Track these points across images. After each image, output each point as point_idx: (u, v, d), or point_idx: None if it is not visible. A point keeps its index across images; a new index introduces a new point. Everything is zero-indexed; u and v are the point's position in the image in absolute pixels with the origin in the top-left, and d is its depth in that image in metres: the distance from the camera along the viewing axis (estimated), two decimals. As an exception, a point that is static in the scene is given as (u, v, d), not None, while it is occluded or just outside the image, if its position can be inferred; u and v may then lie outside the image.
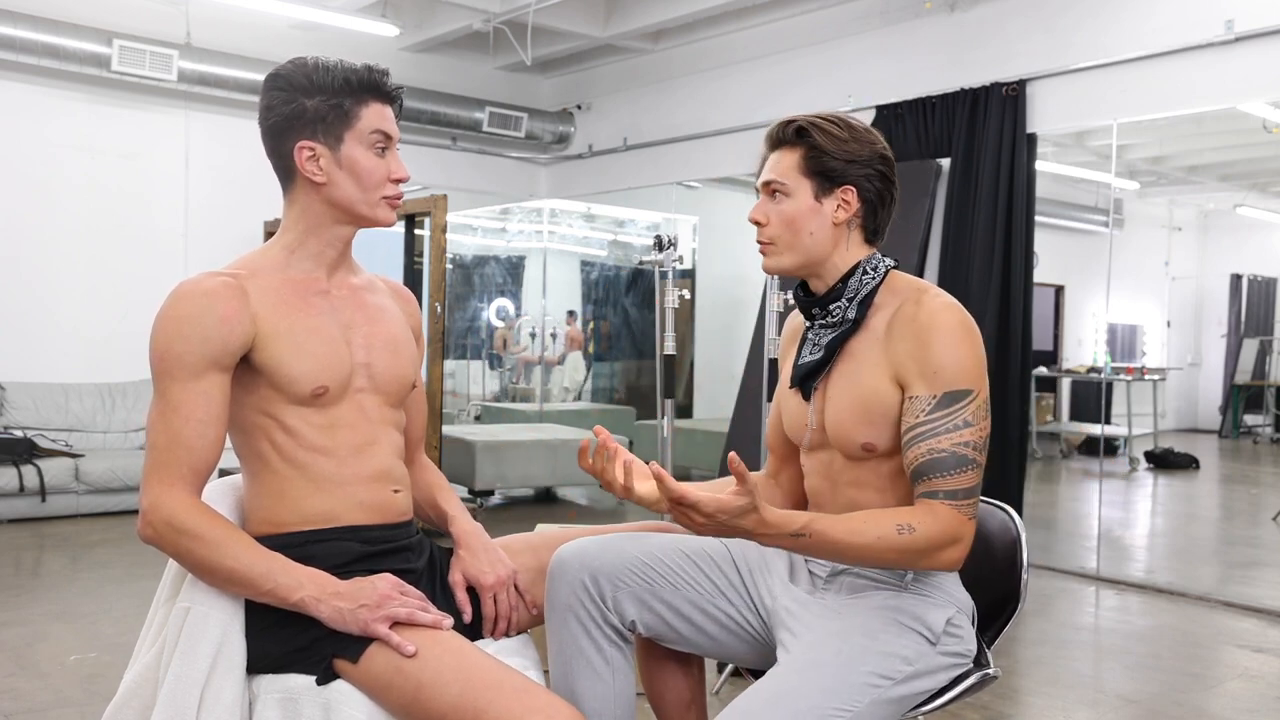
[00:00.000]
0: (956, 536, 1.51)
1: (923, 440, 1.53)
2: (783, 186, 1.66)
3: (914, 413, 1.55)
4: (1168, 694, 3.27)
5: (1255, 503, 7.38)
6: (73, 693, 3.02)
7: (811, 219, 1.65)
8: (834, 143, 1.64)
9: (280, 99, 1.60)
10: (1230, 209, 8.49)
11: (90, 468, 5.66)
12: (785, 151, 1.68)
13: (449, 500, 1.84)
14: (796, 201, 1.66)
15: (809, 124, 1.66)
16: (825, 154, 1.64)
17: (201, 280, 1.56)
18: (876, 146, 1.67)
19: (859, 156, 1.65)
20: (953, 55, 5.58)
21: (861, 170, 1.65)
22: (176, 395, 1.51)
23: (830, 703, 1.41)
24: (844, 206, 1.66)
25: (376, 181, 1.63)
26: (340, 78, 1.60)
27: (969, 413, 1.53)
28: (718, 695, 3.02)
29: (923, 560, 1.51)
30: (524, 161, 8.24)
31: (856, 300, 1.66)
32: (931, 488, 1.52)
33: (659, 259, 2.93)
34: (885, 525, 1.49)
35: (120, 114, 6.44)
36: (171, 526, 1.48)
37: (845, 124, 1.67)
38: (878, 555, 1.50)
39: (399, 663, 1.45)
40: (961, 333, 1.56)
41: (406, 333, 1.76)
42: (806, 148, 1.65)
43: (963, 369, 1.54)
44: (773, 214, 1.68)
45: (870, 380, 1.61)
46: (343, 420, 1.62)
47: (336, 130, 1.60)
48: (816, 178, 1.65)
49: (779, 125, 1.69)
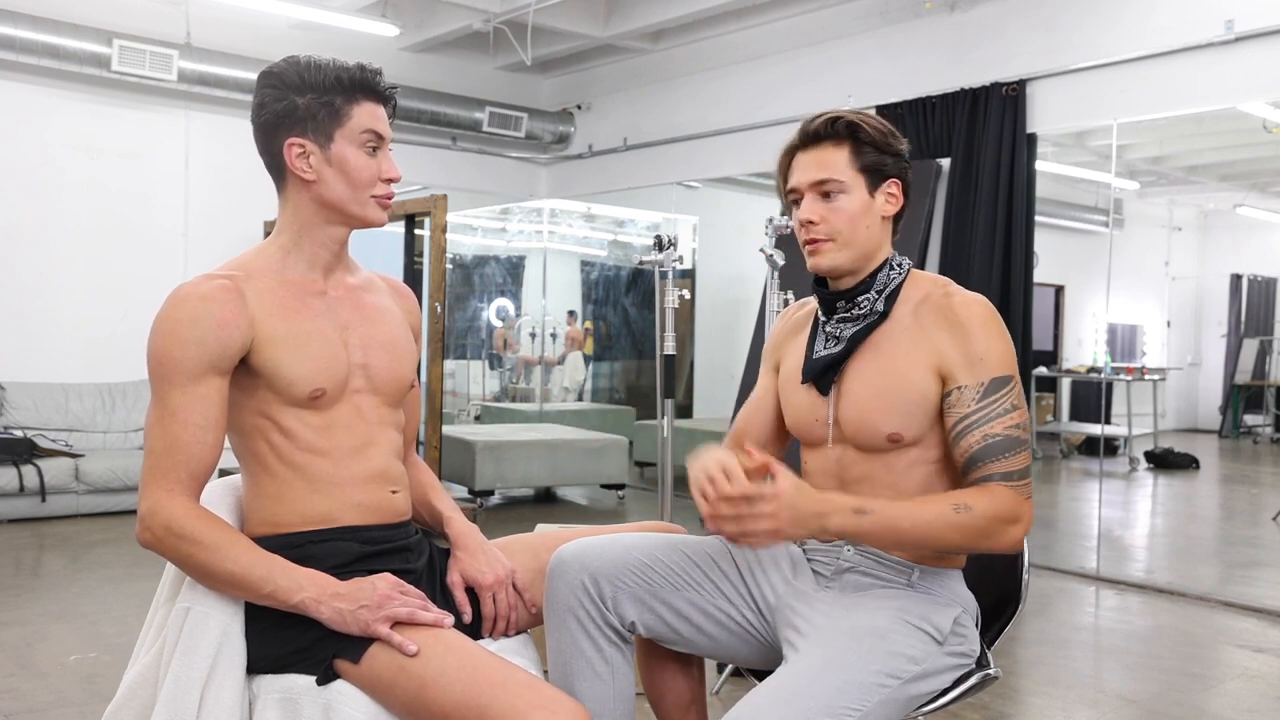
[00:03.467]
0: (1016, 515, 1.53)
1: (976, 428, 1.55)
2: (840, 184, 1.64)
3: (964, 403, 1.57)
4: (1168, 694, 3.27)
5: (1255, 503, 7.38)
6: (73, 693, 3.02)
7: (867, 215, 1.66)
8: (881, 136, 1.65)
9: (272, 96, 1.60)
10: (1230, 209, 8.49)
11: (90, 468, 5.65)
12: (830, 148, 1.65)
13: (443, 500, 1.84)
14: (853, 198, 1.65)
15: (857, 119, 1.65)
16: (877, 148, 1.64)
17: (199, 284, 1.55)
18: (905, 141, 1.70)
19: (900, 150, 1.67)
20: (953, 55, 5.58)
21: (904, 164, 1.68)
22: (174, 400, 1.51)
23: (840, 701, 1.41)
24: (891, 200, 1.68)
25: (366, 180, 1.62)
26: (332, 76, 1.59)
27: (1014, 397, 1.57)
28: (718, 695, 3.02)
29: (985, 541, 1.52)
30: (524, 161, 8.24)
31: (885, 294, 1.66)
32: (988, 471, 1.54)
33: (659, 259, 2.93)
34: (941, 505, 1.51)
35: (120, 114, 6.43)
36: (170, 531, 1.48)
37: (878, 119, 1.68)
38: (937, 536, 1.51)
39: (401, 662, 1.45)
40: (996, 323, 1.60)
41: (405, 332, 1.76)
42: (855, 143, 1.64)
43: (1002, 357, 1.58)
44: (828, 213, 1.65)
45: (904, 368, 1.61)
46: (340, 421, 1.62)
47: (327, 128, 1.60)
48: (867, 173, 1.65)
49: (823, 121, 1.66)
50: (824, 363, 1.69)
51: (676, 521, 2.15)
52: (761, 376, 1.87)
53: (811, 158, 1.66)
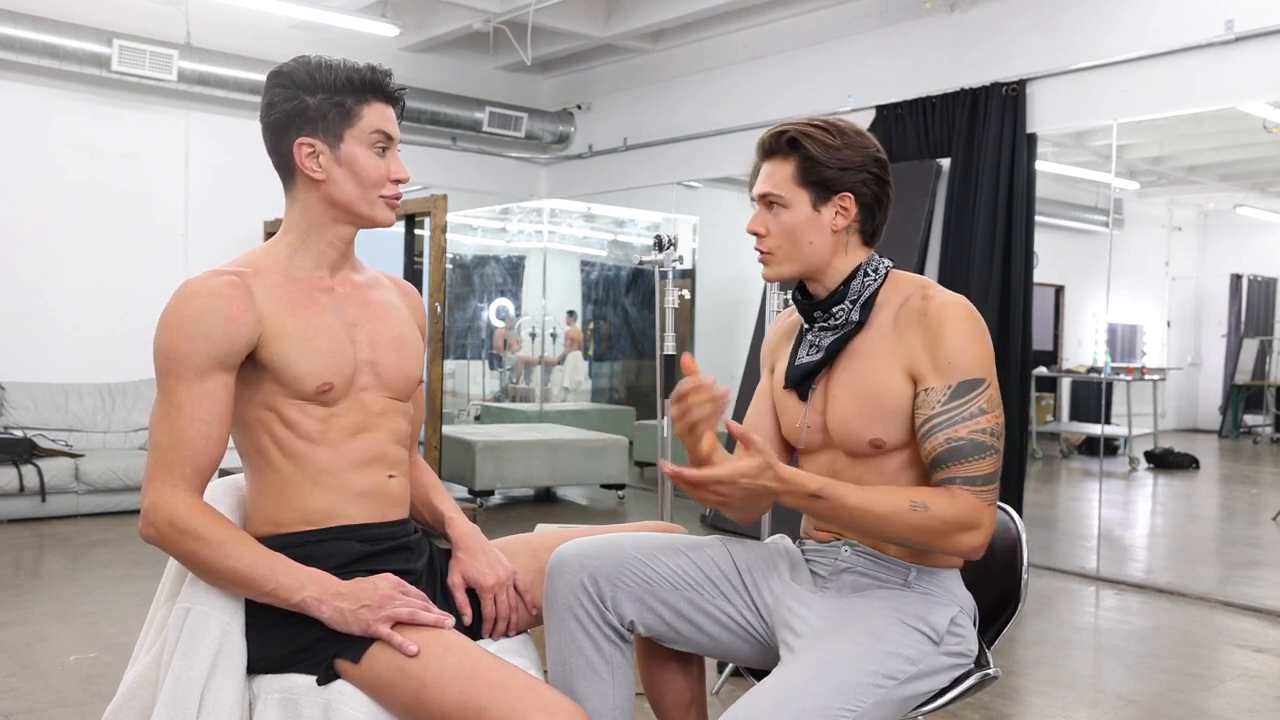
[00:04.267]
0: (975, 521, 1.52)
1: (940, 430, 1.54)
2: (780, 198, 1.66)
3: (930, 404, 1.56)
4: (1168, 694, 3.27)
5: (1255, 503, 7.38)
6: (73, 693, 3.02)
7: (811, 229, 1.66)
8: (827, 151, 1.64)
9: (282, 96, 1.61)
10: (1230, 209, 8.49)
11: (90, 468, 5.66)
12: (778, 162, 1.67)
13: (444, 501, 1.84)
14: (794, 213, 1.66)
15: (800, 133, 1.65)
16: (819, 164, 1.64)
17: (207, 279, 1.55)
18: (869, 150, 1.67)
19: (853, 163, 1.65)
20: (953, 55, 5.58)
21: (857, 176, 1.65)
22: (181, 395, 1.51)
23: (835, 702, 1.41)
24: (842, 214, 1.67)
25: (375, 180, 1.63)
26: (343, 76, 1.60)
27: (983, 400, 1.55)
28: (718, 695, 3.02)
29: (940, 541, 1.52)
30: (524, 161, 8.24)
31: (860, 302, 1.66)
32: (950, 474, 1.53)
33: (659, 259, 2.93)
34: (899, 500, 1.51)
35: (120, 114, 6.44)
36: (174, 527, 1.48)
37: (837, 130, 1.66)
38: (892, 529, 1.52)
39: (401, 662, 1.45)
40: (970, 325, 1.58)
41: (412, 330, 1.76)
42: (800, 158, 1.65)
43: (974, 359, 1.56)
44: (772, 225, 1.68)
45: (880, 375, 1.61)
46: (343, 414, 1.62)
47: (337, 128, 1.60)
48: (813, 187, 1.65)
49: (770, 135, 1.68)
50: (803, 370, 1.70)
51: (676, 521, 2.15)
52: (762, 380, 1.88)
53: (765, 171, 1.70)
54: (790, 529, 1.92)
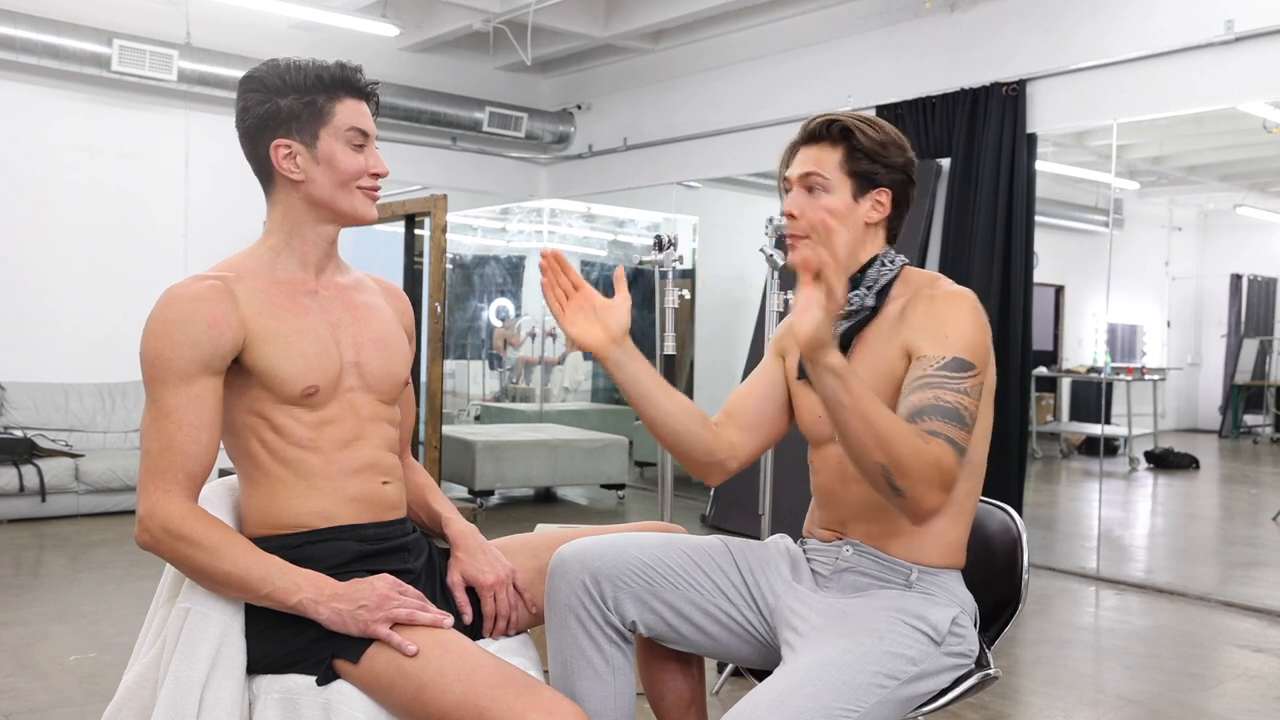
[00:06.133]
0: (947, 481, 1.47)
1: (929, 388, 1.52)
2: (824, 182, 1.68)
3: (922, 366, 1.55)
4: (1168, 694, 3.27)
5: (1255, 503, 7.38)
6: (73, 693, 3.02)
7: (848, 217, 1.69)
8: (876, 146, 1.67)
9: (255, 100, 1.61)
10: (1230, 209, 8.49)
11: (90, 468, 5.66)
12: (825, 148, 1.69)
13: (440, 501, 1.84)
14: (835, 198, 1.68)
15: (853, 125, 1.68)
16: (867, 156, 1.67)
17: (189, 284, 1.56)
18: (908, 153, 1.71)
19: (895, 162, 1.69)
20: (953, 55, 5.58)
21: (897, 175, 1.69)
22: (168, 400, 1.51)
23: (837, 703, 1.41)
24: (877, 208, 1.70)
25: (354, 176, 1.63)
26: (312, 75, 1.61)
27: (972, 384, 1.54)
28: (718, 695, 3.02)
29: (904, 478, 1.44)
30: (524, 161, 8.24)
31: (875, 289, 1.68)
32: (934, 427, 1.48)
33: (659, 259, 2.93)
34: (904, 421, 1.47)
35: (120, 114, 6.44)
36: (169, 533, 1.48)
37: (882, 128, 1.70)
38: (890, 435, 1.43)
39: (400, 662, 1.45)
40: (973, 314, 1.60)
41: (398, 331, 1.76)
42: (848, 148, 1.68)
43: (971, 343, 1.56)
44: (809, 208, 1.68)
45: (891, 363, 1.62)
46: (332, 418, 1.62)
47: (312, 127, 1.61)
48: (855, 178, 1.68)
49: (820, 122, 1.71)
50: None
51: (676, 521, 2.15)
52: (764, 359, 1.87)
53: (808, 154, 1.71)
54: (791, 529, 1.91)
